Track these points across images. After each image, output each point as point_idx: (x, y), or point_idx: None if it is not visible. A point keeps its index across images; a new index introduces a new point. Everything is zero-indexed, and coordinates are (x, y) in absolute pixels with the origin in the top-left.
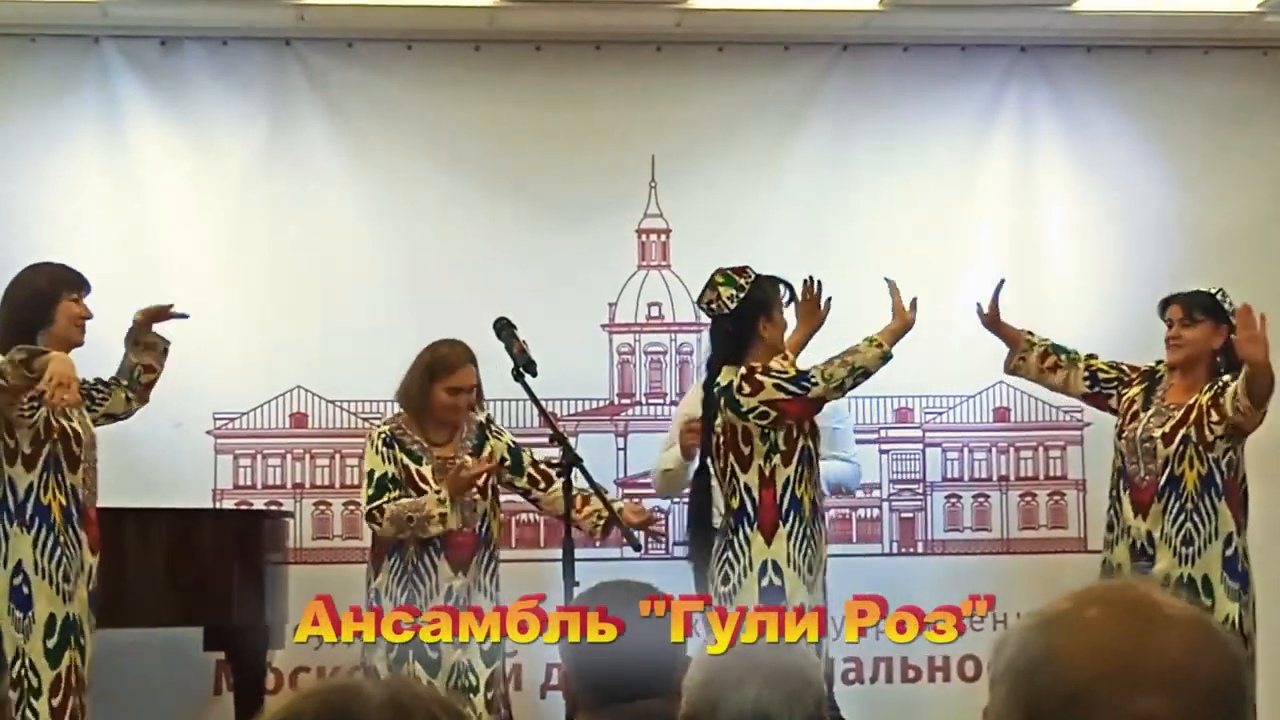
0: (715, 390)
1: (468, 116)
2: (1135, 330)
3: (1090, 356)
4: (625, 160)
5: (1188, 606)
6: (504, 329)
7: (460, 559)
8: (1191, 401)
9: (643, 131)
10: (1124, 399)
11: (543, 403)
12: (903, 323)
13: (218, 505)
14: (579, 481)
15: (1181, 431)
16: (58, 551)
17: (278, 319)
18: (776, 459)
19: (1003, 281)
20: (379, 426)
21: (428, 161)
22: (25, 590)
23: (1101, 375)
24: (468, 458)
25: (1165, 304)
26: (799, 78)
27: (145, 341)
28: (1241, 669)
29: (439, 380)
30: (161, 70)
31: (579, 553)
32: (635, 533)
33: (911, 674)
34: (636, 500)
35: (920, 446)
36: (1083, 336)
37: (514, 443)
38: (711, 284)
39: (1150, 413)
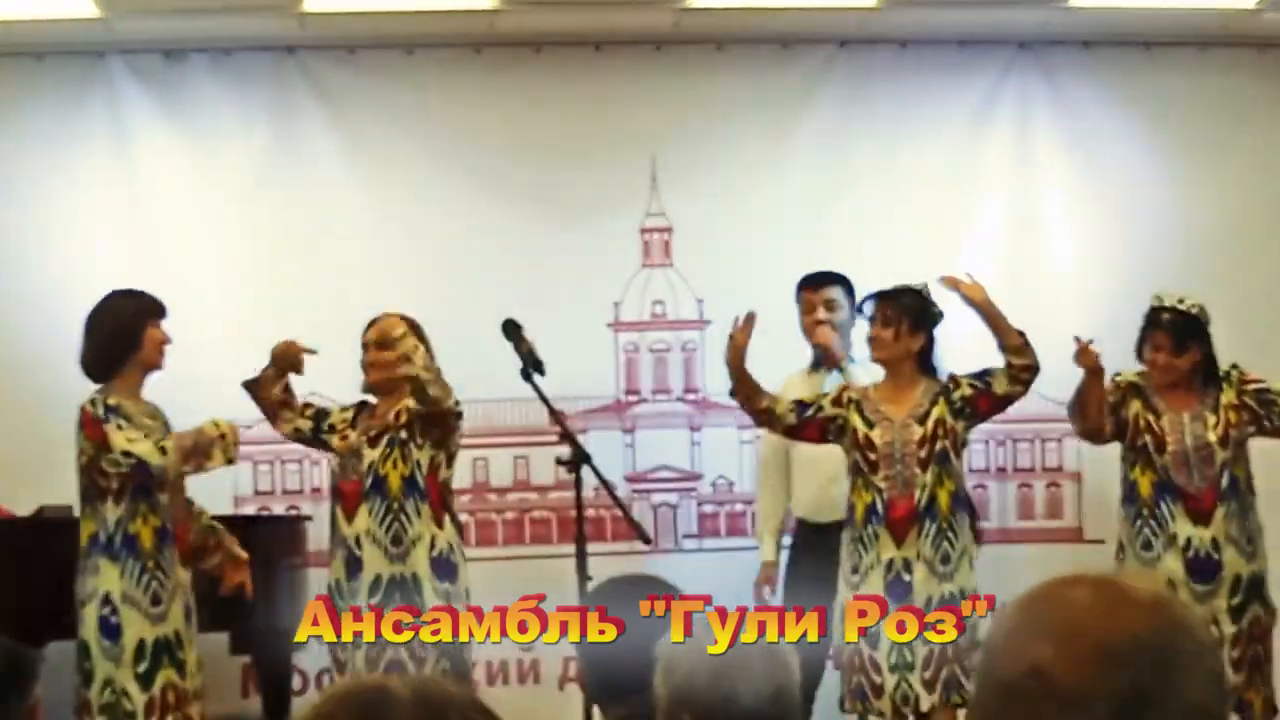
0: None
1: (470, 120)
2: (1132, 325)
3: None
4: (627, 160)
5: (1147, 587)
6: (512, 330)
7: (348, 509)
8: (1222, 403)
9: (643, 131)
10: (1132, 415)
11: (551, 401)
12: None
13: (238, 511)
14: (589, 479)
15: (1232, 434)
16: (145, 577)
17: (285, 323)
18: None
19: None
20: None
21: (431, 166)
22: (114, 620)
23: (1112, 401)
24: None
25: (1150, 322)
26: (798, 75)
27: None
28: (1172, 640)
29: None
30: (166, 82)
31: (591, 548)
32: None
33: None
34: (645, 495)
35: None
36: (1080, 330)
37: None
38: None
39: (1188, 420)
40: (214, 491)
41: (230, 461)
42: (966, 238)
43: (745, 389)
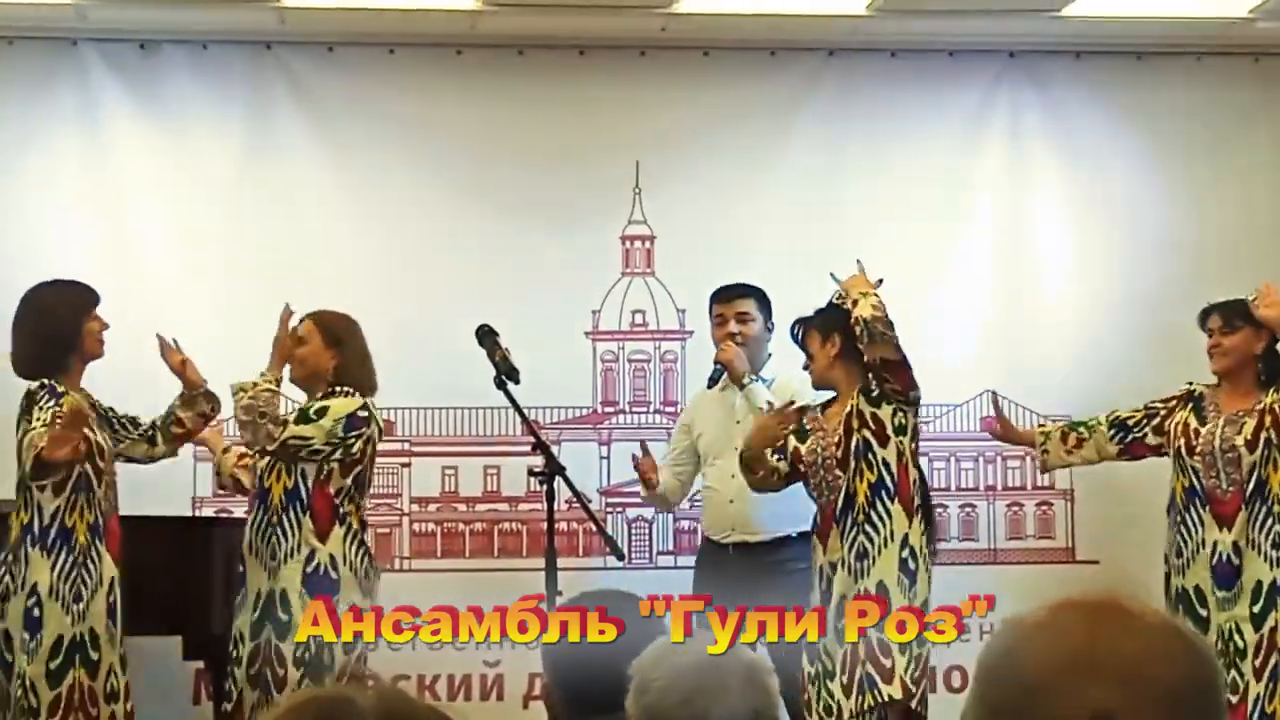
0: None
1: (450, 121)
2: (1125, 334)
3: (1111, 415)
4: (609, 166)
5: (1160, 613)
6: (486, 336)
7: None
8: (1261, 405)
9: (627, 137)
10: (1174, 425)
11: (525, 411)
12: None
13: (197, 513)
14: (562, 490)
15: (1263, 435)
16: (74, 573)
17: (257, 322)
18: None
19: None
20: None
21: (409, 166)
22: (36, 613)
23: (1130, 421)
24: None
25: (1205, 314)
26: (786, 83)
27: (187, 396)
28: (1210, 675)
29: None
30: (141, 73)
31: (562, 562)
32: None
33: None
34: (619, 510)
35: None
36: (1073, 342)
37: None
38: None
39: (1221, 423)
40: (173, 493)
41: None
42: (957, 248)
43: (757, 467)
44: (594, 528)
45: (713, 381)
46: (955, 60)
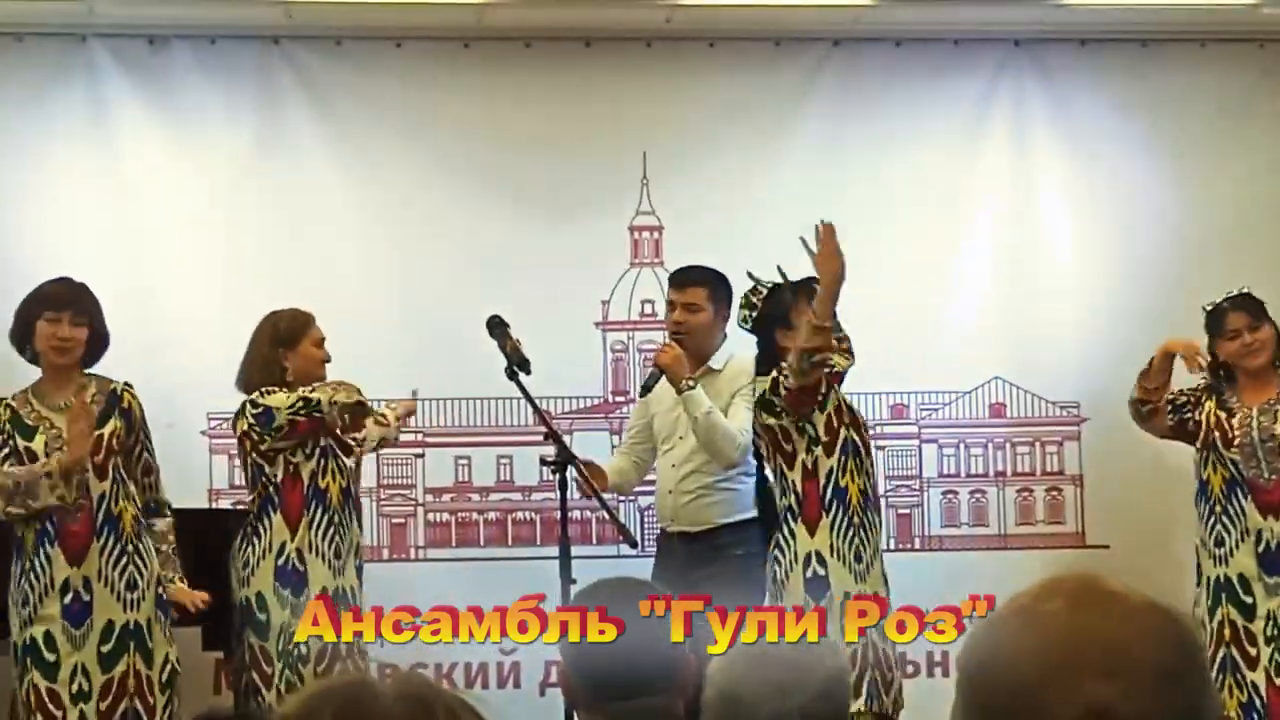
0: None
1: (457, 114)
2: (1130, 320)
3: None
4: (617, 157)
5: (1140, 593)
6: (496, 327)
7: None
8: None
9: (634, 128)
10: (1205, 415)
11: (536, 401)
12: (829, 277)
13: (213, 505)
14: (574, 479)
15: None
16: (23, 579)
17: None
18: (819, 450)
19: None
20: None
21: (417, 160)
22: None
23: (1179, 402)
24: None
25: (1221, 314)
26: (791, 73)
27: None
28: (1194, 650)
29: (301, 341)
30: (149, 69)
31: (576, 550)
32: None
33: (910, 669)
34: (631, 498)
35: (916, 443)
36: (1078, 327)
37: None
38: (740, 304)
39: (1255, 412)
40: (189, 485)
41: (61, 500)
42: (962, 235)
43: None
44: (606, 516)
45: (645, 389)
46: (959, 49)
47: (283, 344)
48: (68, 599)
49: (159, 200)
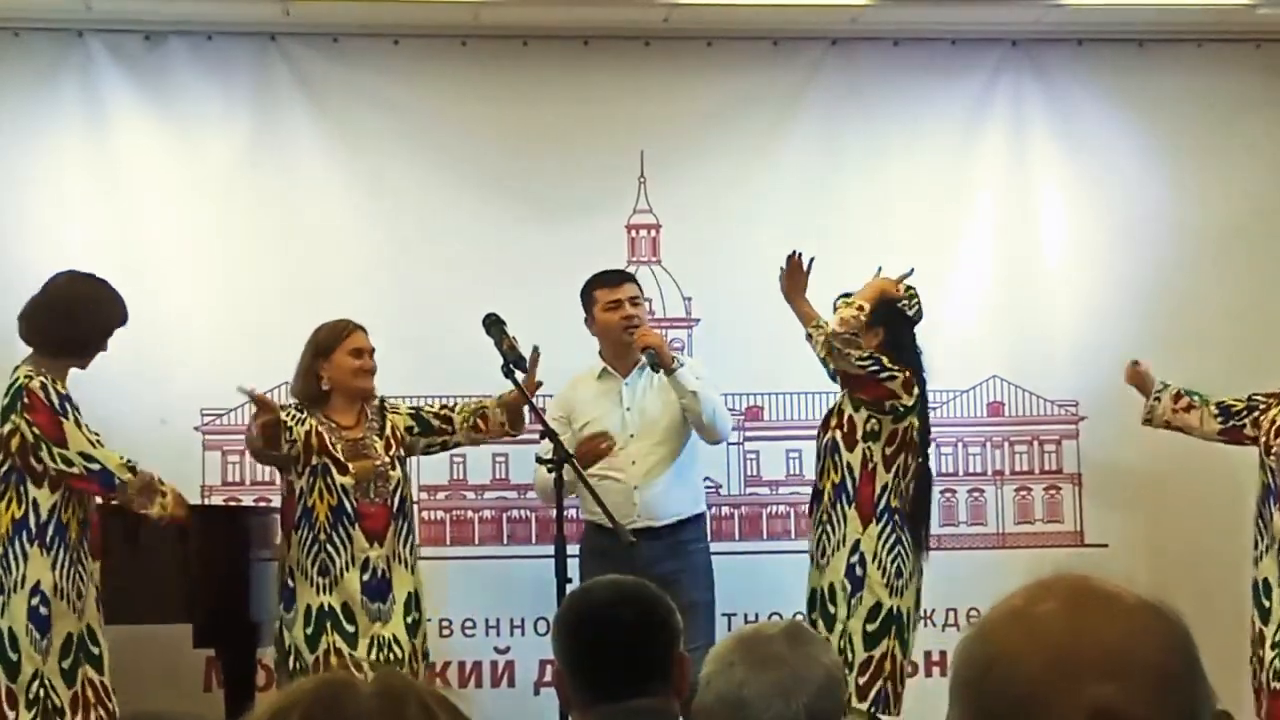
0: None
1: (455, 112)
2: (1128, 318)
3: (1219, 399)
4: (614, 156)
5: (1133, 592)
6: (493, 325)
7: (374, 530)
8: None
9: (632, 127)
10: (1267, 419)
11: (533, 399)
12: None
13: (206, 501)
14: (571, 477)
15: None
16: (72, 570)
17: (263, 314)
18: (877, 455)
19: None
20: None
21: (414, 158)
22: (44, 611)
23: (1233, 408)
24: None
25: None
26: (788, 73)
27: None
28: (1191, 648)
29: (335, 351)
30: (146, 65)
31: (571, 549)
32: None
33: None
34: None
35: None
36: (1076, 326)
37: (411, 407)
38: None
39: None
40: (182, 481)
41: (161, 518)
42: (959, 235)
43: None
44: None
45: (654, 367)
46: (957, 49)
47: (320, 354)
48: (96, 594)
49: (154, 196)
